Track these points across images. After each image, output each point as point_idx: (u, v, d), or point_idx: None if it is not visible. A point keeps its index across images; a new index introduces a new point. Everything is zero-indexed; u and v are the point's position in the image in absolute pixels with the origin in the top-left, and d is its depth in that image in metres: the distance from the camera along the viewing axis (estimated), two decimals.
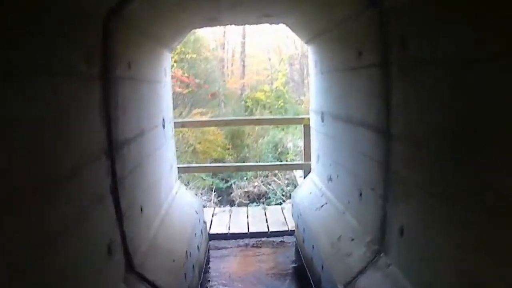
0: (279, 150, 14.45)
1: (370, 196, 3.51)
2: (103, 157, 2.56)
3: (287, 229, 6.53)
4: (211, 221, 6.91)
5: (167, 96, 4.86)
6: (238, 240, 6.36)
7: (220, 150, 14.81)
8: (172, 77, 15.70)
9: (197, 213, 5.12)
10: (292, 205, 6.01)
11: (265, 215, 7.20)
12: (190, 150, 14.06)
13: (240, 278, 5.23)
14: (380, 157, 3.22)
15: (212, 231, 6.47)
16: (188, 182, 12.34)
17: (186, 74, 16.80)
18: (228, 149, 15.16)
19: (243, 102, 19.36)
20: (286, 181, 12.58)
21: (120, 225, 2.79)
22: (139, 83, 3.55)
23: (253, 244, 6.27)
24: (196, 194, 11.86)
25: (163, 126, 4.49)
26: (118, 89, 2.91)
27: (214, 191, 12.57)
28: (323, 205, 4.78)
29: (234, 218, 7.06)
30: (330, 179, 4.77)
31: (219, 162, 14.43)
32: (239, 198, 12.39)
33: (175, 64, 16.28)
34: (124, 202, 2.85)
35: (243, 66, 22.01)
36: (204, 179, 13.05)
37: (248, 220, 6.95)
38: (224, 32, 21.61)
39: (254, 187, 12.64)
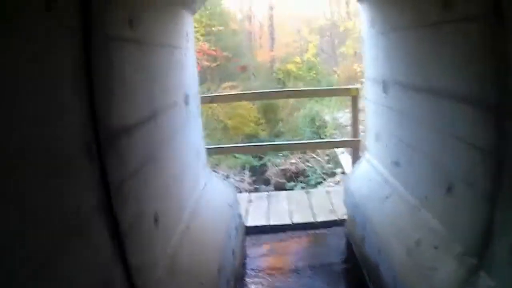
0: (317, 123, 13.38)
1: (465, 194, 2.53)
2: (82, 156, 1.64)
3: (335, 218, 5.58)
4: (247, 210, 5.99)
5: (190, 66, 3.91)
6: (279, 233, 5.44)
7: (253, 126, 13.86)
8: (199, 51, 15.03)
9: (231, 207, 4.21)
10: (345, 192, 4.99)
11: (309, 200, 6.25)
12: (221, 127, 13.13)
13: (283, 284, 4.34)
14: (486, 142, 2.24)
15: (250, 223, 5.56)
16: (218, 163, 11.48)
17: (213, 48, 16.11)
18: (261, 123, 14.17)
19: (274, 74, 18.56)
20: (326, 158, 11.58)
21: (121, 254, 1.88)
22: (149, 47, 2.61)
23: (297, 237, 5.35)
24: (227, 176, 11.04)
25: (186, 103, 3.55)
26: (112, 53, 1.98)
27: (248, 170, 11.66)
28: (388, 196, 3.80)
29: (273, 206, 6.13)
30: (397, 163, 3.77)
31: (251, 138, 13.55)
32: (275, 177, 11.47)
33: (201, 38, 15.55)
34: (125, 219, 1.94)
35: (272, 38, 21.29)
36: (236, 157, 12.16)
37: (290, 208, 6.01)
38: (250, 7, 21.29)
39: (291, 164, 11.69)
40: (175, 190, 2.96)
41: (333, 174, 10.61)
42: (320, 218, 5.62)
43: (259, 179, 11.68)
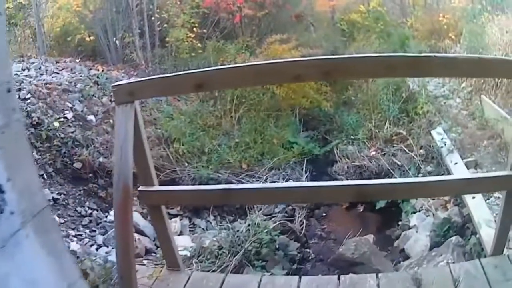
0: (404, 96, 9.66)
1: None
2: None
3: None
4: None
5: None
6: None
7: (313, 95, 10.16)
8: None
9: None
10: None
11: None
12: (266, 98, 9.64)
13: None
14: None
15: None
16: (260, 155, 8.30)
17: None
18: (325, 92, 10.47)
19: (338, 25, 15.11)
20: (420, 152, 7.97)
21: None
22: None
23: None
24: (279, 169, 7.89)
25: None
26: None
27: (306, 168, 8.32)
28: None
29: None
30: None
31: (312, 113, 10.17)
32: (345, 175, 8.17)
33: None
34: None
35: None
36: (291, 144, 8.91)
37: None
38: None
39: (370, 158, 8.31)
40: None
41: None
42: None
43: (322, 178, 8.41)
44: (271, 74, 2.99)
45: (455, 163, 6.72)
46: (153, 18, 11.39)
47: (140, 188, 3.39)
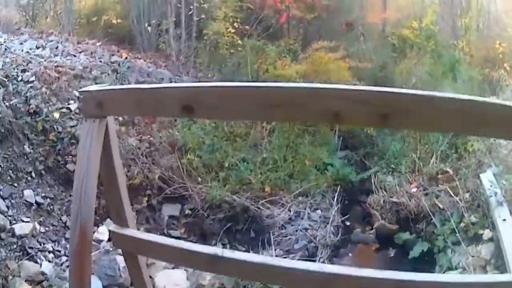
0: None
1: None
2: None
3: None
4: None
5: None
6: None
7: None
8: None
9: None
10: None
11: None
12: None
13: None
14: None
15: None
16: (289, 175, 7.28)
17: None
18: None
19: (388, 39, 14.27)
20: (466, 196, 6.81)
21: None
22: None
23: None
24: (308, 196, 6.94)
25: None
26: None
27: (338, 195, 7.33)
28: None
29: None
30: None
31: (353, 131, 9.24)
32: (381, 215, 7.15)
33: None
34: None
35: None
36: (326, 167, 7.83)
37: None
38: None
39: (410, 196, 7.21)
40: None
41: (477, 238, 6.20)
42: None
43: (355, 213, 7.42)
44: (292, 106, 1.85)
45: (503, 219, 5.78)
46: (191, 7, 10.43)
47: (111, 227, 2.72)
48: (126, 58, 8.58)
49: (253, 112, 2.02)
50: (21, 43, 8.02)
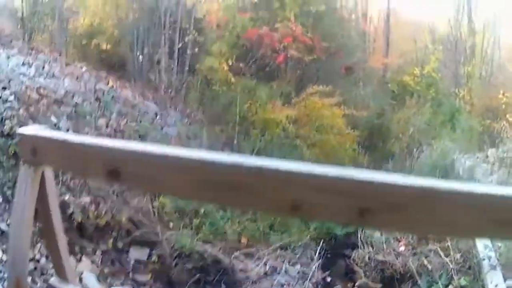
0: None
1: None
2: None
3: None
4: None
5: None
6: None
7: (348, 163, 9.02)
8: (288, 36, 10.68)
9: None
10: None
11: None
12: (293, 156, 8.32)
13: None
14: None
15: None
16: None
17: (309, 34, 11.61)
18: (362, 163, 9.34)
19: (388, 85, 14.68)
20: (457, 257, 6.57)
21: None
22: None
23: None
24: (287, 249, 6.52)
25: None
26: None
27: (321, 249, 7.11)
28: None
29: None
30: None
31: None
32: (365, 273, 6.81)
33: (293, 18, 11.45)
34: None
35: (387, 43, 17.10)
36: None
37: None
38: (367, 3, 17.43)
39: (397, 254, 6.88)
40: None
41: None
42: None
43: (338, 269, 7.01)
44: (240, 190, 1.37)
45: (495, 285, 5.59)
46: (187, 38, 10.16)
47: (51, 281, 2.35)
48: (112, 86, 8.32)
49: (194, 190, 1.56)
50: (8, 57, 7.73)
